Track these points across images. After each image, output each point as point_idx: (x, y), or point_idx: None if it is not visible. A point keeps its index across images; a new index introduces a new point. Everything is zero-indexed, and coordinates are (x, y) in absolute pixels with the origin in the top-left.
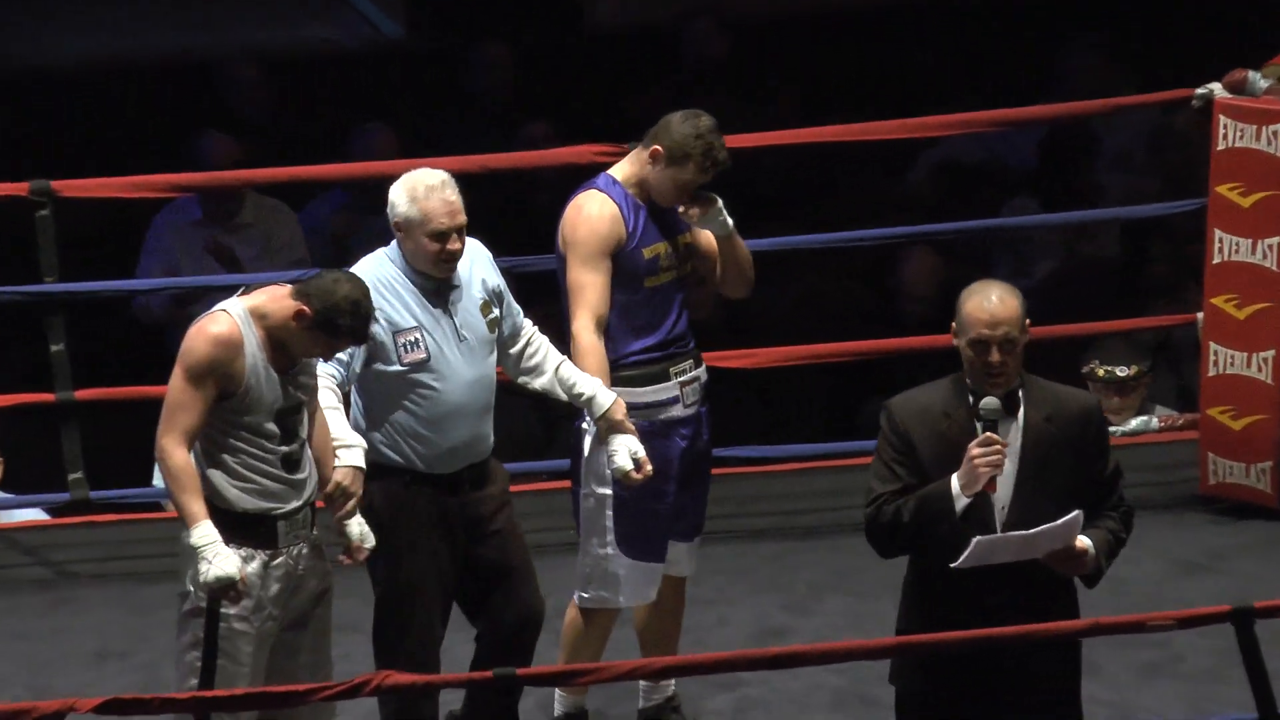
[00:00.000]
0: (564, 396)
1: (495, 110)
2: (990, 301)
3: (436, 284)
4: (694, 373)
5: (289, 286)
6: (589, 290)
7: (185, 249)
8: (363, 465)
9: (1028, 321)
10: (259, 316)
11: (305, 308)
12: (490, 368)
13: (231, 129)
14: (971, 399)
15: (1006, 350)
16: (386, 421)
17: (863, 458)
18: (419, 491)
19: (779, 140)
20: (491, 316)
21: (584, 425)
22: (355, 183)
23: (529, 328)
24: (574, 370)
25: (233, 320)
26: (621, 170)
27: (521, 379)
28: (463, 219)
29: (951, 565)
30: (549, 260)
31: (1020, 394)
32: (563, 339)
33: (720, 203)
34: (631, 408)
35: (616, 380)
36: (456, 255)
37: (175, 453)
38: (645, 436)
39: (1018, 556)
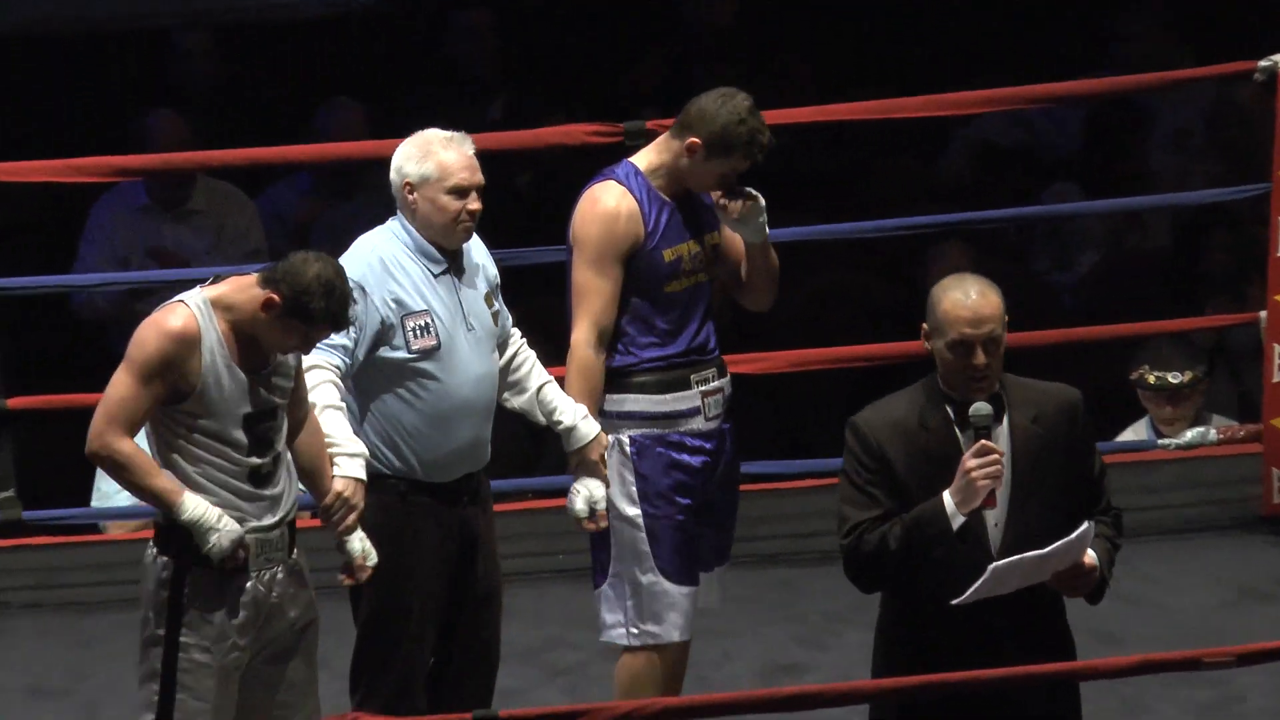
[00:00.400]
0: (542, 420)
1: (475, 84)
2: (970, 297)
3: (446, 264)
4: (717, 383)
5: (255, 275)
6: (592, 298)
7: (130, 239)
8: (363, 476)
9: (1007, 318)
10: (223, 309)
11: (274, 295)
12: (495, 365)
13: (181, 106)
14: (949, 407)
15: (991, 350)
16: (384, 418)
17: None
18: (416, 503)
19: (792, 119)
20: (495, 309)
21: (619, 438)
22: (320, 165)
23: (517, 337)
24: (557, 394)
25: (190, 313)
26: (645, 159)
27: (503, 392)
28: (481, 178)
29: (954, 602)
30: (532, 254)
31: (1002, 396)
32: (550, 343)
33: (763, 202)
34: (646, 418)
35: (630, 386)
36: (475, 218)
37: (121, 443)
38: (668, 449)
39: (1028, 580)
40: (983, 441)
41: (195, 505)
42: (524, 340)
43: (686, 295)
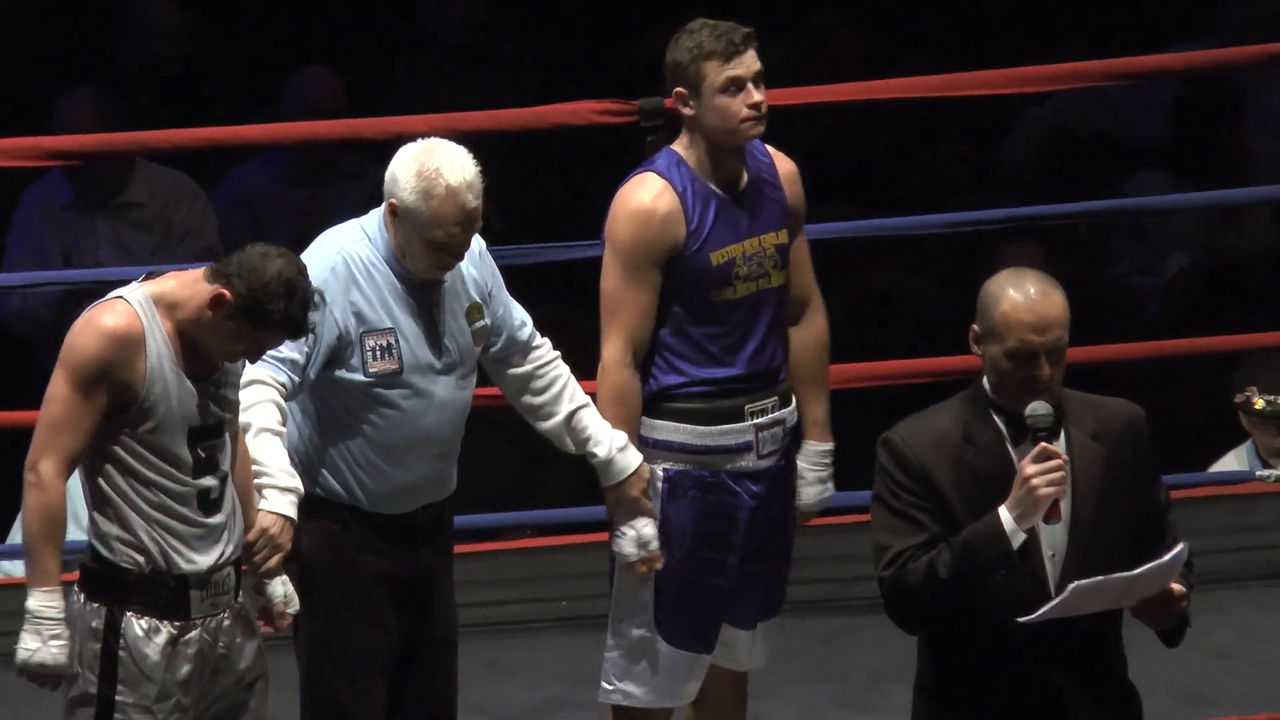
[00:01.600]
0: (572, 449)
1: (465, 55)
2: (1032, 298)
3: (418, 278)
4: (776, 415)
5: (203, 269)
6: (624, 311)
7: (58, 239)
8: (293, 515)
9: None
10: (166, 307)
11: (225, 291)
12: (469, 390)
13: (127, 80)
14: (1000, 419)
15: (1055, 360)
16: (332, 443)
17: None
18: (361, 534)
19: (837, 96)
20: (479, 325)
21: (653, 468)
22: (289, 147)
23: (546, 349)
24: (594, 419)
25: (131, 310)
26: (683, 145)
27: (529, 417)
28: (471, 236)
29: (1022, 620)
30: (538, 251)
31: (1062, 408)
32: (579, 358)
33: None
34: (688, 451)
35: (670, 413)
36: (451, 267)
37: (52, 485)
38: (703, 490)
39: (1108, 605)
40: (1043, 444)
41: (48, 605)
42: (556, 353)
43: (743, 305)
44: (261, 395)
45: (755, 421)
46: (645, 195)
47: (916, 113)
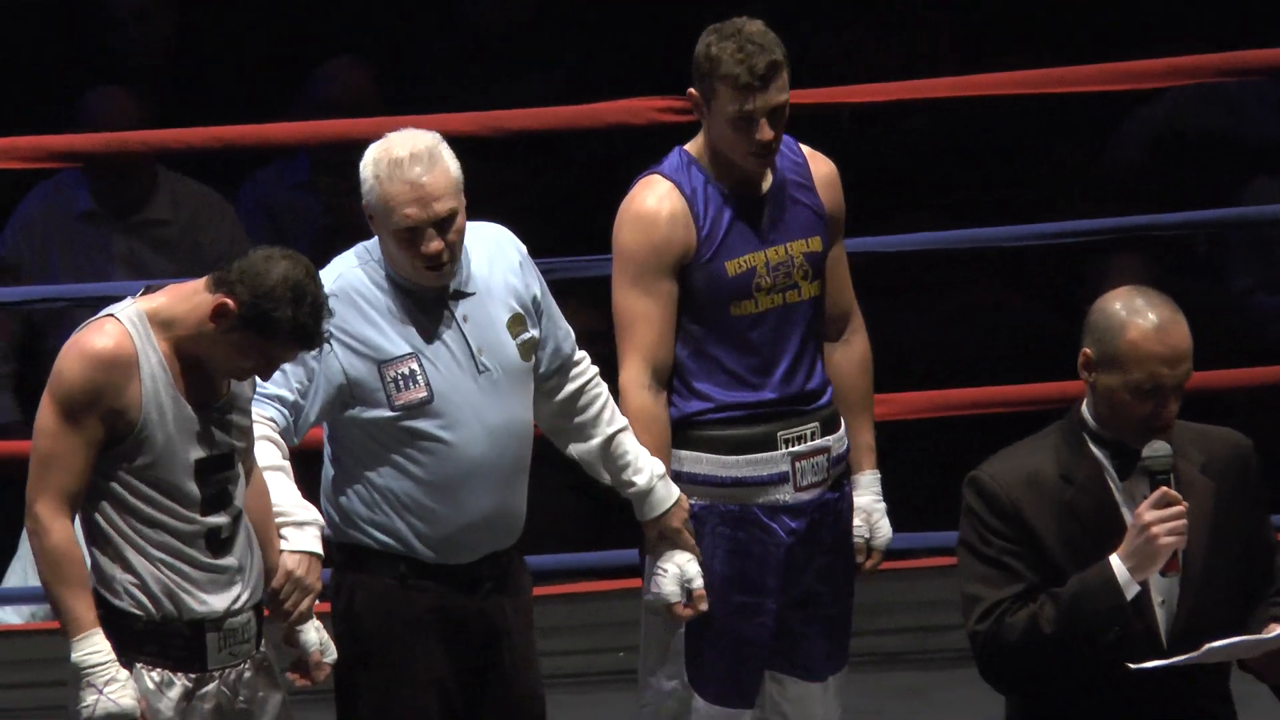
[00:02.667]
0: (607, 479)
1: (509, 45)
2: (1162, 326)
3: (436, 290)
4: (817, 442)
5: (201, 280)
6: (639, 326)
7: (70, 250)
8: (319, 550)
9: None
10: (162, 324)
11: (227, 300)
12: (525, 410)
13: (134, 76)
14: (1101, 453)
15: (1180, 395)
16: (374, 490)
17: None
18: (420, 589)
19: (925, 93)
20: (525, 337)
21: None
22: (316, 147)
23: (583, 366)
24: (633, 446)
25: (122, 330)
26: (698, 143)
27: (560, 439)
28: (444, 207)
29: (1134, 667)
30: (585, 265)
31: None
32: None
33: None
34: (713, 484)
35: (694, 442)
36: (438, 259)
37: (53, 527)
38: (732, 527)
39: (1233, 657)
40: (1164, 489)
41: (93, 651)
42: (595, 370)
43: (767, 320)
44: (258, 432)
45: (791, 450)
46: (650, 198)
47: (1013, 112)
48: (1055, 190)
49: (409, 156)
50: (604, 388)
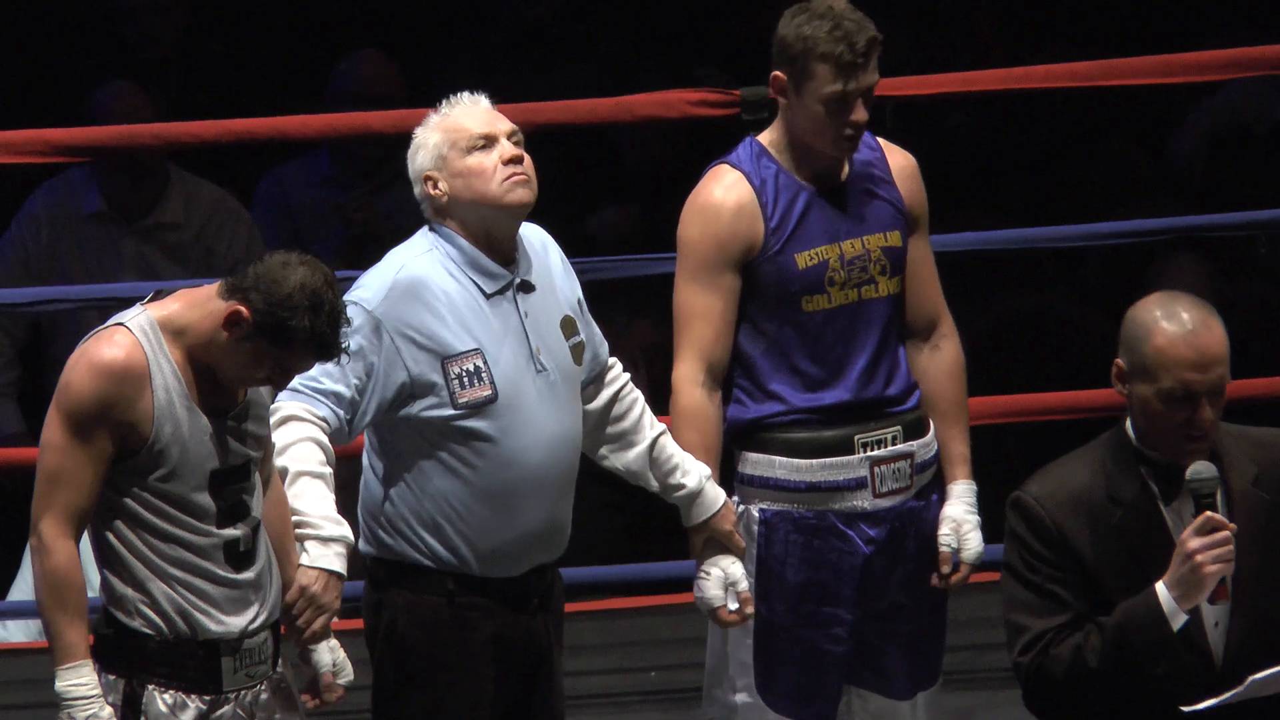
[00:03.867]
0: (654, 485)
1: (540, 34)
2: (1191, 329)
3: (505, 279)
4: (899, 447)
5: (214, 285)
6: (697, 322)
7: (78, 252)
8: (340, 570)
9: None
10: (174, 332)
11: (241, 307)
12: (577, 418)
13: (144, 68)
14: (1147, 471)
15: (1215, 402)
16: (425, 494)
17: None
18: (470, 606)
19: (973, 86)
20: (576, 341)
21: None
22: (338, 141)
23: (616, 372)
24: (676, 450)
25: (132, 339)
26: (771, 134)
27: (599, 450)
28: (509, 124)
29: (1185, 709)
30: (619, 266)
31: (1218, 455)
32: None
33: None
34: (786, 489)
35: (766, 445)
36: (520, 164)
37: (57, 546)
38: (806, 535)
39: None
40: (1208, 514)
41: (78, 683)
42: (627, 376)
43: (841, 316)
44: (298, 433)
45: (870, 454)
46: (717, 189)
47: (1066, 106)
48: (1109, 189)
49: (460, 99)
50: (638, 393)
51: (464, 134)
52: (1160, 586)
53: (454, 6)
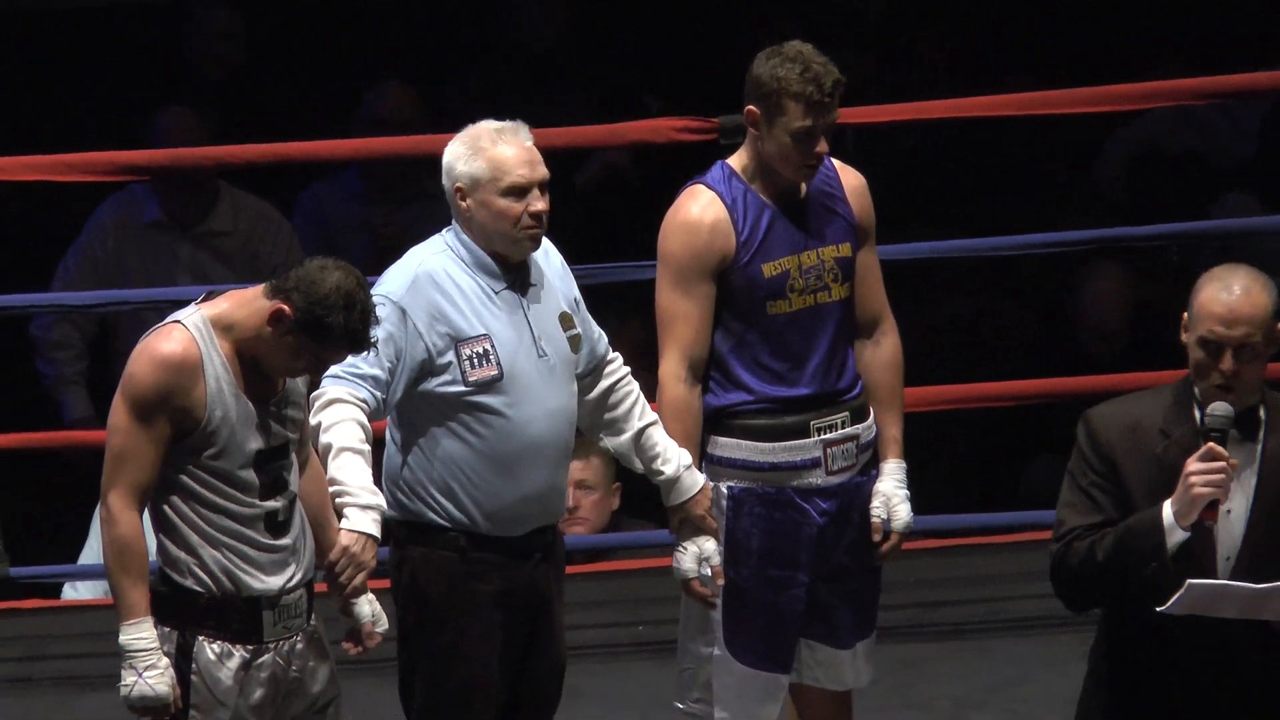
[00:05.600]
0: (639, 468)
1: (545, 69)
2: (1231, 293)
3: (510, 279)
4: (847, 430)
5: (259, 287)
6: (679, 324)
7: (140, 258)
8: (376, 533)
9: (1279, 325)
10: (224, 329)
11: (284, 306)
12: (573, 399)
13: (198, 95)
14: (1199, 415)
15: (1244, 357)
16: (438, 460)
17: (1027, 534)
18: (479, 561)
19: (924, 114)
20: (573, 333)
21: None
22: (368, 163)
23: (615, 365)
24: (662, 438)
25: (189, 335)
26: (740, 157)
27: (595, 432)
28: (545, 172)
29: (1158, 609)
30: (616, 271)
31: (1261, 414)
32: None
33: None
34: (751, 468)
35: (733, 430)
36: (542, 221)
37: (122, 517)
38: (768, 508)
39: (1243, 614)
40: (1210, 445)
41: (139, 637)
42: (627, 369)
43: (800, 319)
44: (343, 414)
45: (823, 438)
46: (694, 207)
47: (1004, 131)
48: (1040, 205)
49: (512, 127)
50: (635, 385)
51: (506, 177)
52: (1166, 504)
53: (468, 42)
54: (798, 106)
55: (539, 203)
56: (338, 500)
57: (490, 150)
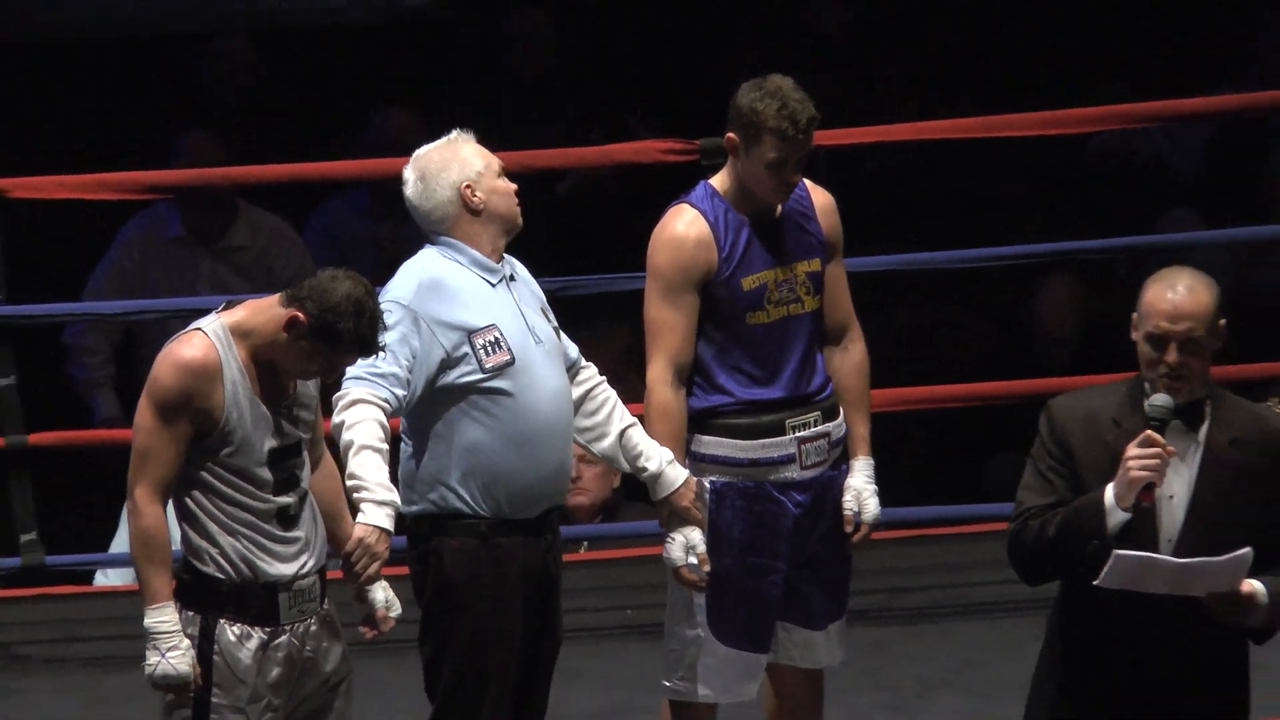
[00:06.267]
0: (625, 467)
1: (538, 96)
2: (1176, 291)
3: (499, 274)
4: (819, 428)
5: (275, 296)
6: (666, 333)
7: (164, 270)
8: (389, 527)
9: (1222, 323)
10: (241, 335)
11: (298, 313)
12: (567, 380)
13: (218, 119)
14: (1148, 407)
15: (1188, 351)
16: (460, 449)
17: (986, 525)
18: (500, 545)
19: (888, 137)
20: (554, 325)
21: (702, 481)
22: (374, 181)
23: (590, 372)
24: (642, 438)
25: (208, 342)
26: (721, 178)
27: (579, 436)
28: (498, 167)
29: (1094, 582)
30: (600, 282)
31: (1206, 408)
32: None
33: None
34: (732, 464)
35: (717, 430)
36: (514, 198)
37: (147, 510)
38: (748, 501)
39: (1171, 589)
40: (1149, 432)
41: (162, 620)
42: (601, 378)
43: (776, 329)
44: (364, 414)
45: (797, 435)
46: (679, 224)
47: (963, 153)
48: (996, 220)
49: (447, 139)
50: (612, 392)
51: (495, 162)
52: (1109, 486)
53: (466, 71)
54: (772, 140)
55: (505, 182)
56: (355, 495)
57: (473, 149)
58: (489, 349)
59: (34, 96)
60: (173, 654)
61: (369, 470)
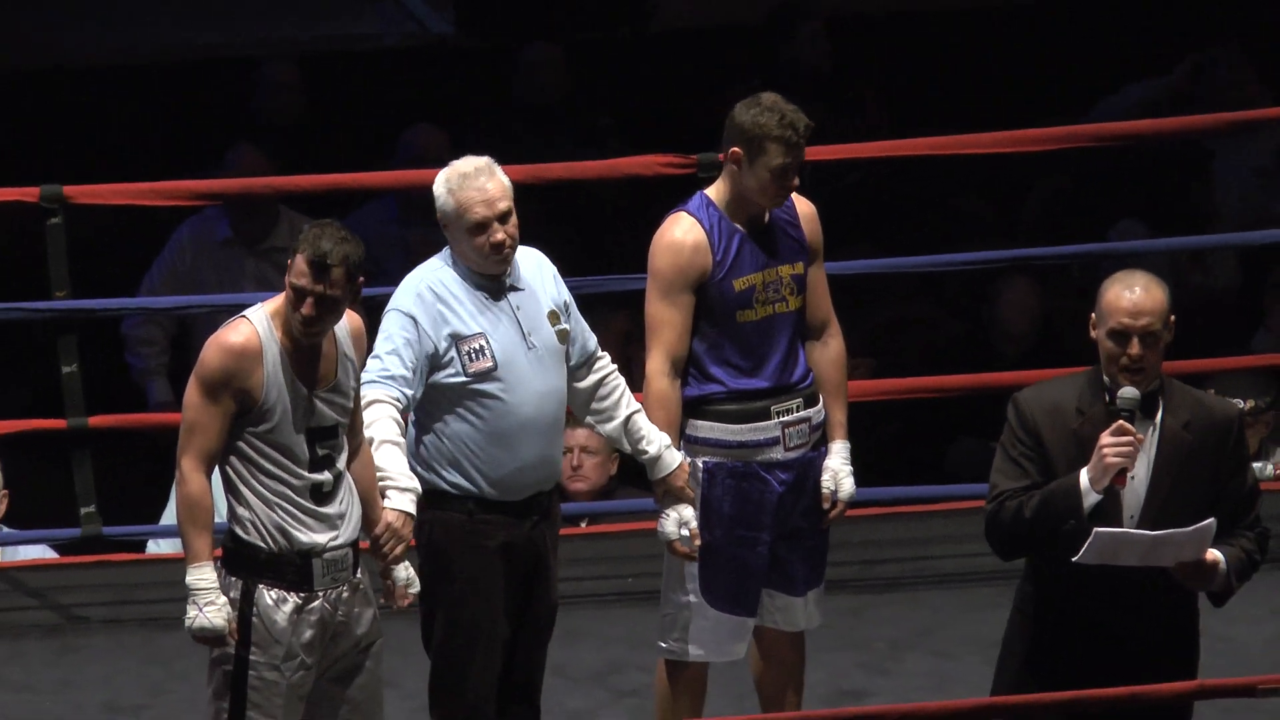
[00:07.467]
0: (628, 449)
1: (550, 115)
2: (1134, 291)
3: (497, 284)
4: (801, 413)
5: None
6: (665, 329)
7: (213, 269)
8: (413, 511)
9: (1173, 318)
10: (281, 321)
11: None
12: (561, 381)
13: (263, 134)
14: (1108, 396)
15: (1148, 344)
16: (447, 438)
17: (950, 503)
18: (484, 521)
19: (866, 153)
20: (560, 328)
21: (695, 461)
22: (403, 191)
23: (604, 361)
24: (645, 423)
25: (253, 329)
26: (716, 189)
27: (589, 420)
28: (504, 205)
29: (1073, 559)
30: (605, 282)
31: (1159, 397)
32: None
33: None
34: (723, 446)
35: (707, 415)
36: (503, 247)
37: (192, 478)
38: (737, 479)
39: (1143, 561)
40: (1121, 422)
41: (201, 578)
42: (614, 366)
43: (763, 325)
44: (382, 412)
45: (781, 420)
46: (678, 231)
47: (933, 168)
48: (961, 229)
49: (474, 170)
50: (621, 380)
51: (471, 216)
52: (1083, 471)
53: (485, 95)
54: (778, 147)
55: (499, 234)
56: (381, 484)
57: (458, 192)
58: (473, 355)
59: (103, 114)
60: (209, 609)
61: (391, 461)
